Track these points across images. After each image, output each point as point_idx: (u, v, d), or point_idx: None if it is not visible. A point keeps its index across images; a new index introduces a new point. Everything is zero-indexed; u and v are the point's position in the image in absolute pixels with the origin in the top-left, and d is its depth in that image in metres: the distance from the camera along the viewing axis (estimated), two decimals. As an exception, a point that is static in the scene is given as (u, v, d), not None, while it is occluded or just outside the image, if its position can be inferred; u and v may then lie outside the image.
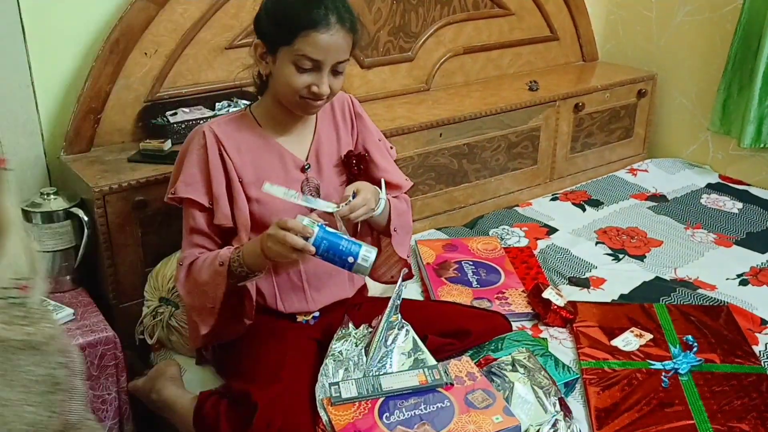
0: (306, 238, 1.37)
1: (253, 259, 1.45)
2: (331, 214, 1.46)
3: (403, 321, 1.55)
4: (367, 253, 1.40)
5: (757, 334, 1.82)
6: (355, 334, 1.54)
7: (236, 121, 1.57)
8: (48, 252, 1.76)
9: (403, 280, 1.60)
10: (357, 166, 1.64)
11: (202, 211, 1.53)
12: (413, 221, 2.36)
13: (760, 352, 1.75)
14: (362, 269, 1.40)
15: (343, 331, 1.55)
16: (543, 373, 1.53)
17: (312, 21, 1.41)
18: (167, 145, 1.93)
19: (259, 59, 1.51)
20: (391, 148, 1.77)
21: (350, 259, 1.39)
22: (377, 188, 1.58)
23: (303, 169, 1.59)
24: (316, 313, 1.64)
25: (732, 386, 1.61)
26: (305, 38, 1.42)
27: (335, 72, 1.48)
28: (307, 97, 1.48)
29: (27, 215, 1.74)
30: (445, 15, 2.57)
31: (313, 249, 1.38)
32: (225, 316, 1.52)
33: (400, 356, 1.50)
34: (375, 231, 1.71)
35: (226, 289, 1.46)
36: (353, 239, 1.42)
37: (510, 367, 1.53)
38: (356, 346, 1.51)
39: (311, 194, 1.59)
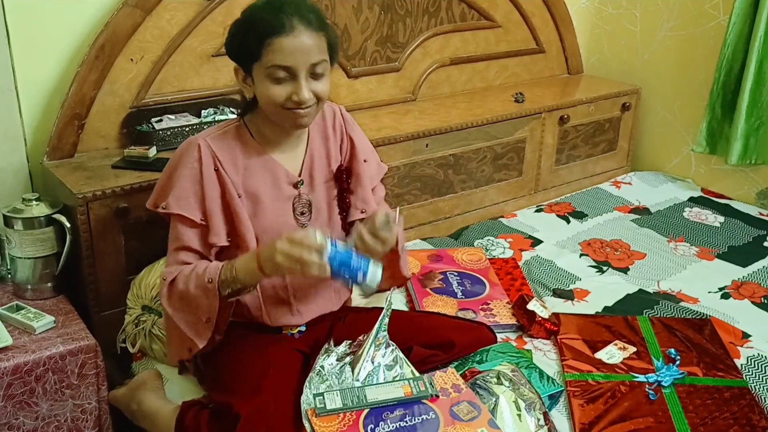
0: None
1: (249, 276, 1.41)
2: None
3: (389, 341, 1.54)
4: (375, 269, 1.39)
5: (738, 348, 1.84)
6: (337, 350, 1.53)
7: (231, 133, 1.52)
8: (29, 259, 1.73)
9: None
10: (347, 181, 1.63)
11: (192, 227, 1.48)
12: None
13: (741, 365, 1.76)
14: (369, 286, 1.40)
15: (327, 347, 1.54)
16: (528, 387, 1.53)
17: (272, 28, 1.38)
18: (152, 151, 1.92)
19: (243, 83, 1.49)
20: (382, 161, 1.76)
21: (360, 276, 1.37)
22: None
23: (296, 186, 1.57)
24: (303, 327, 1.63)
25: (714, 399, 1.62)
26: (270, 47, 1.38)
27: (315, 75, 1.43)
28: (291, 108, 1.43)
29: (8, 221, 1.72)
30: (432, 26, 2.58)
31: (328, 270, 1.34)
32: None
33: (386, 373, 1.49)
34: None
35: (219, 303, 1.43)
36: (360, 254, 1.40)
37: (495, 380, 1.53)
38: (338, 361, 1.50)
39: (303, 210, 1.57)
